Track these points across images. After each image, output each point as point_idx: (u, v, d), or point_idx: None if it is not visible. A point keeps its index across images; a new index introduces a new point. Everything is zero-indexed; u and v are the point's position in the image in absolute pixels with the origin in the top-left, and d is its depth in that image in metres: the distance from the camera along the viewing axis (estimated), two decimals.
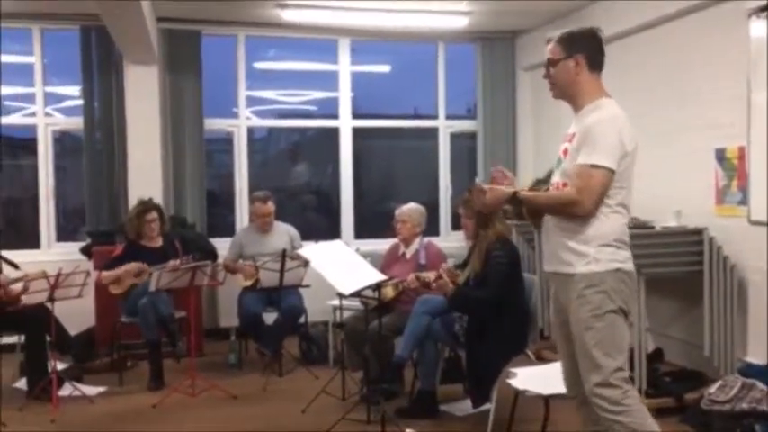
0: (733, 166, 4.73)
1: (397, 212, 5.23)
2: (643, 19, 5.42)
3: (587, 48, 2.87)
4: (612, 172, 2.69)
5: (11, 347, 5.48)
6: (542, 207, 2.87)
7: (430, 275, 4.54)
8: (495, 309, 4.13)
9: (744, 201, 4.64)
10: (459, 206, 4.54)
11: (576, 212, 2.71)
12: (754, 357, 4.47)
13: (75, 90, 6.73)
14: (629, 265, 2.80)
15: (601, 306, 2.70)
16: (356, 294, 4.39)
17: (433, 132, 7.56)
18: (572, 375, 2.95)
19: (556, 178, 2.89)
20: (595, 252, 2.73)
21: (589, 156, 2.69)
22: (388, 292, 4.75)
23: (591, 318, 2.71)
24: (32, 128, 6.62)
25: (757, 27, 4.49)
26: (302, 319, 5.81)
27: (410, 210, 5.19)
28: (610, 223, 2.75)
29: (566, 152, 2.85)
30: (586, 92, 2.86)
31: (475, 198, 2.92)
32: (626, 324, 2.77)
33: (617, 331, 2.73)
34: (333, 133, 7.33)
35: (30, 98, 6.63)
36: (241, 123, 7.07)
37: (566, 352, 2.95)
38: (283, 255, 5.37)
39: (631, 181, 2.80)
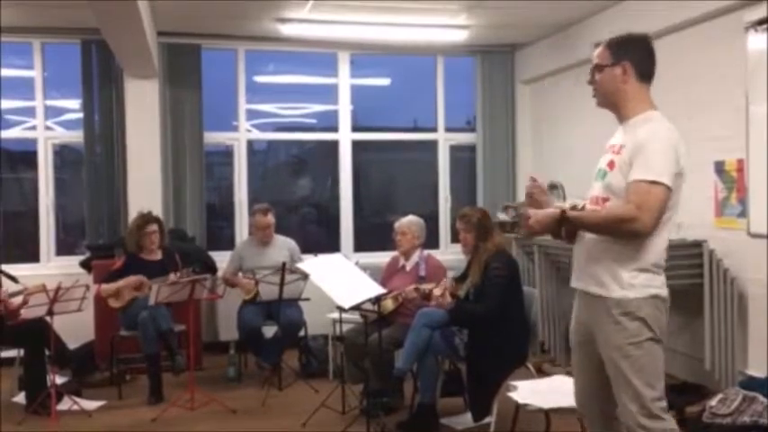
0: (732, 179, 4.74)
1: (396, 225, 5.23)
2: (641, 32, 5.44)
3: (637, 55, 2.70)
4: (670, 189, 2.53)
5: (10, 361, 5.46)
6: (594, 226, 2.64)
7: (429, 286, 4.54)
8: (496, 322, 4.13)
9: (743, 213, 4.64)
10: (457, 220, 4.54)
11: (634, 230, 2.51)
12: (755, 370, 4.46)
13: (75, 103, 6.76)
14: (665, 291, 2.66)
15: (639, 334, 2.58)
16: (356, 308, 4.39)
17: (432, 145, 7.58)
18: (586, 395, 2.85)
19: (596, 192, 2.73)
20: (630, 277, 2.59)
21: (646, 171, 2.52)
22: (388, 304, 4.74)
23: (628, 346, 2.58)
24: (33, 141, 6.64)
25: (755, 40, 4.51)
26: (302, 333, 5.80)
27: (409, 222, 5.20)
28: (651, 246, 2.59)
29: (611, 164, 2.67)
30: (632, 102, 2.70)
31: (521, 225, 2.73)
32: (661, 351, 2.65)
33: (655, 359, 2.62)
34: (332, 146, 7.34)
35: (30, 112, 6.65)
36: (241, 136, 7.09)
37: (583, 370, 2.83)
38: (283, 268, 5.36)
39: (678, 202, 2.63)
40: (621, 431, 2.72)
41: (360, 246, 7.31)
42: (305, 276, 5.20)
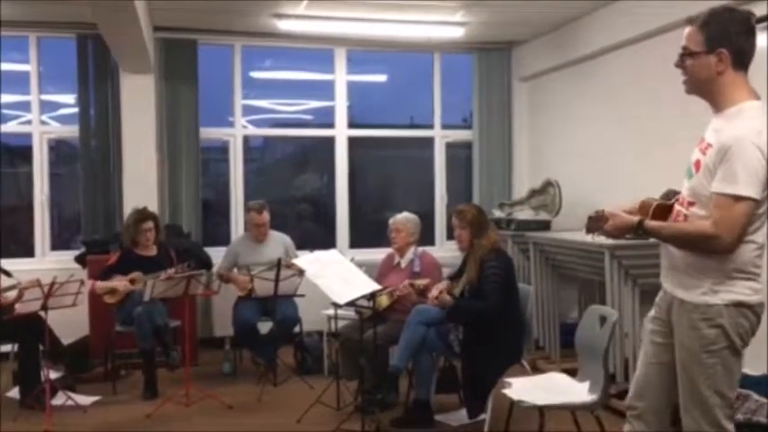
0: None
1: (391, 221, 5.23)
2: (639, 30, 5.44)
3: (736, 40, 2.42)
4: (756, 202, 2.34)
5: (4, 356, 5.45)
6: (672, 240, 2.53)
7: (424, 282, 4.54)
8: (491, 319, 4.13)
9: None
10: (453, 217, 4.54)
11: (713, 248, 2.38)
12: (749, 368, 4.45)
13: (70, 98, 6.73)
14: (755, 298, 2.46)
15: (715, 342, 2.44)
16: (351, 304, 4.38)
17: (428, 142, 7.57)
18: (645, 386, 2.71)
19: (684, 192, 2.58)
20: (713, 283, 2.44)
21: (729, 183, 2.33)
22: (383, 301, 4.74)
23: (703, 353, 2.45)
24: (28, 136, 6.61)
25: None
26: (297, 329, 5.80)
27: (404, 219, 5.20)
28: (738, 254, 2.41)
29: (698, 165, 2.49)
30: (727, 93, 2.46)
31: (594, 224, 2.63)
32: (739, 360, 2.51)
33: (729, 369, 2.48)
34: (329, 142, 7.33)
35: (25, 106, 6.63)
36: (237, 132, 7.07)
37: (650, 361, 2.70)
38: (278, 264, 5.36)
39: None
40: (668, 428, 2.67)
41: (355, 242, 7.31)
42: (300, 273, 5.20)
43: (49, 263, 6.43)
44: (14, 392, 5.08)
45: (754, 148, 2.33)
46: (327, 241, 7.15)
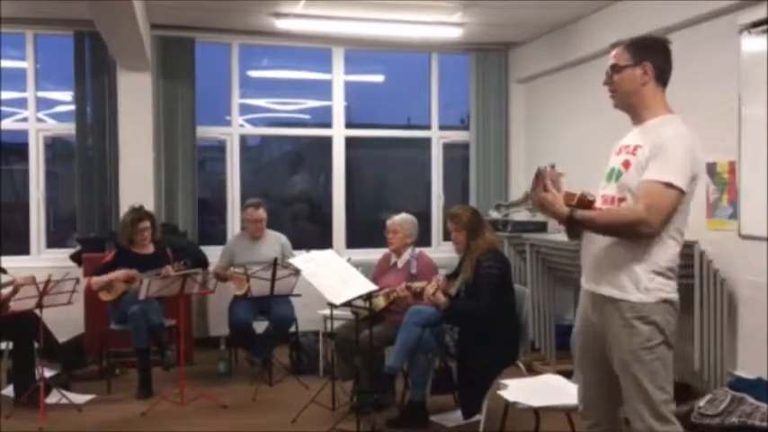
0: (724, 181, 4.76)
1: (388, 222, 5.22)
2: (636, 32, 5.39)
3: (656, 58, 2.71)
4: (683, 194, 2.54)
5: None
6: (602, 228, 2.63)
7: (421, 285, 4.54)
8: (487, 320, 4.14)
9: (734, 215, 4.66)
10: (448, 220, 4.55)
11: (641, 232, 2.52)
12: (744, 371, 4.48)
13: (67, 95, 6.71)
14: (676, 296, 2.64)
15: (651, 338, 2.57)
16: (347, 304, 4.38)
17: (425, 143, 7.58)
18: (592, 399, 2.82)
19: (611, 191, 2.70)
20: (647, 281, 2.57)
21: (662, 173, 2.52)
22: (380, 301, 4.73)
23: (641, 350, 2.57)
24: (24, 133, 6.59)
25: (748, 42, 4.53)
26: (293, 329, 5.80)
27: (402, 219, 5.19)
28: (665, 250, 2.59)
29: (627, 165, 2.66)
30: (650, 104, 2.70)
31: (536, 186, 2.71)
32: (671, 355, 2.64)
33: (666, 364, 2.60)
34: (326, 142, 7.33)
35: (21, 103, 6.61)
36: (234, 131, 7.06)
37: (589, 375, 2.81)
38: (274, 264, 5.35)
39: (689, 206, 2.64)
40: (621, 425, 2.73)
41: (352, 242, 7.31)
42: (296, 272, 5.19)
43: (44, 261, 6.42)
44: (9, 390, 5.07)
45: (686, 147, 2.58)
46: (324, 241, 7.14)
